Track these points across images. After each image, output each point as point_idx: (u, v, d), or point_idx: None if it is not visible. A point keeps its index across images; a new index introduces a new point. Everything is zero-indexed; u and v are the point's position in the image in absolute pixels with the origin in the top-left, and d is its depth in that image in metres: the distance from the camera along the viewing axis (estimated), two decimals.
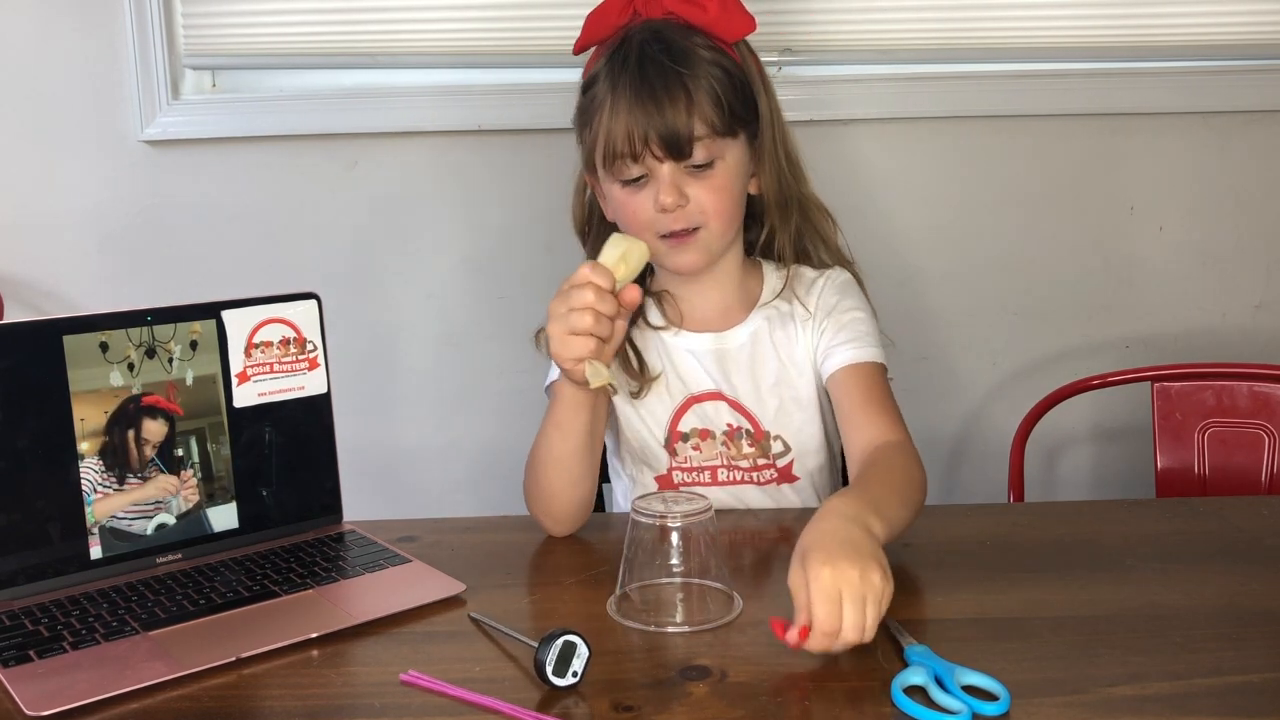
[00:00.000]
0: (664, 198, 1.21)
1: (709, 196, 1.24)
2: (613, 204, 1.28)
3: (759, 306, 1.34)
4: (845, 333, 1.30)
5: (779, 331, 1.33)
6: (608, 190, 1.28)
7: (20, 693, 0.89)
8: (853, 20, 1.81)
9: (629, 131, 1.20)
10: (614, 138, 1.21)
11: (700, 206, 1.24)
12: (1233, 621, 0.98)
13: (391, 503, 1.93)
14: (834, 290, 1.34)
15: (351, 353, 1.86)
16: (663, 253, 1.26)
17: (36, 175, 1.90)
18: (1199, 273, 1.91)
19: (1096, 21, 1.82)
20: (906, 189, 1.88)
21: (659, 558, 1.01)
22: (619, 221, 1.29)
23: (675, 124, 1.20)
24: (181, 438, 1.14)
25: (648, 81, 1.21)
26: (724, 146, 1.24)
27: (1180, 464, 1.64)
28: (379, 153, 1.90)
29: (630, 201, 1.25)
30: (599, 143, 1.24)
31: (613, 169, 1.24)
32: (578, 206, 1.38)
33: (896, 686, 0.86)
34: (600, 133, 1.23)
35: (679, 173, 1.23)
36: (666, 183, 1.22)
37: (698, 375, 1.32)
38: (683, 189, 1.23)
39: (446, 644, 0.97)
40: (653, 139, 1.20)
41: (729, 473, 1.32)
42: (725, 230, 1.28)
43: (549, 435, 1.22)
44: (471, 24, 1.85)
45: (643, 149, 1.21)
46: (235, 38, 1.87)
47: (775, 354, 1.32)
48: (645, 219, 1.24)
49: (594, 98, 1.26)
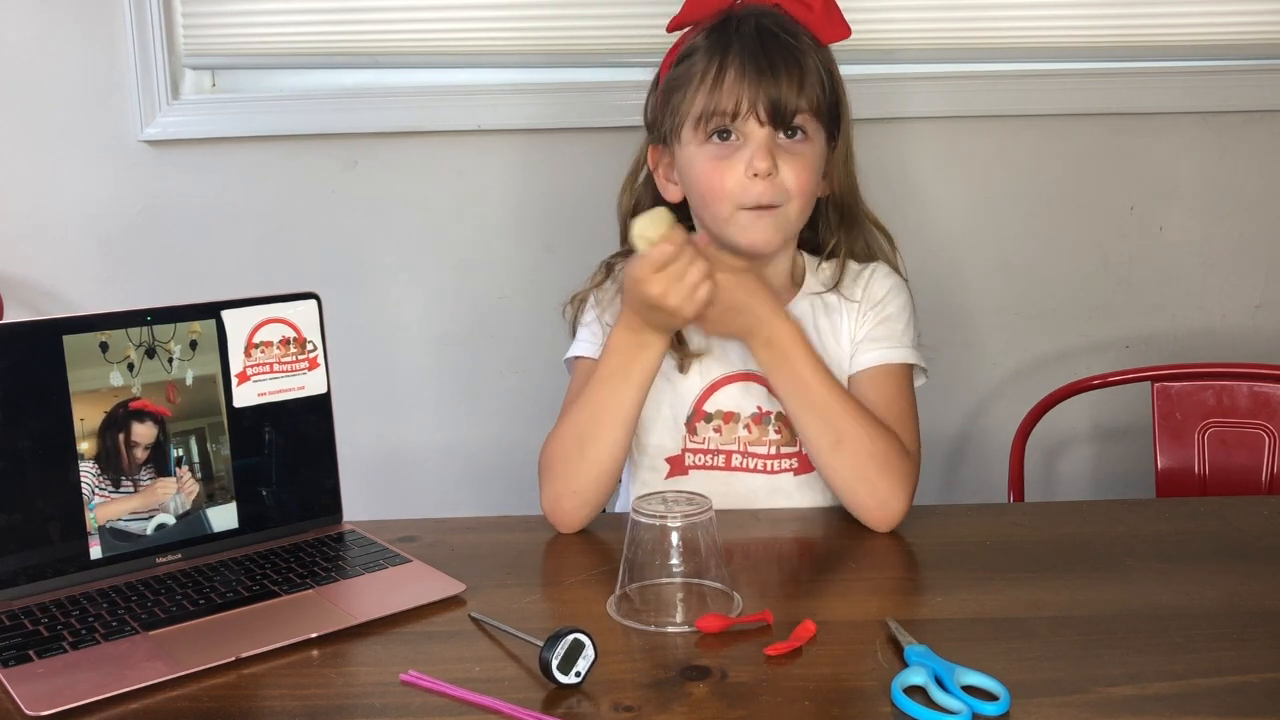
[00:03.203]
0: (759, 161, 1.23)
1: (796, 175, 1.25)
2: (693, 170, 1.28)
3: (805, 293, 1.35)
4: (882, 329, 1.32)
5: (824, 319, 1.34)
6: (690, 157, 1.28)
7: (20, 693, 0.89)
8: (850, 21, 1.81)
9: (737, 93, 1.23)
10: (719, 98, 1.24)
11: (786, 183, 1.25)
12: (1233, 621, 0.98)
13: (391, 503, 1.93)
14: (880, 283, 1.36)
15: (351, 353, 1.86)
16: (739, 226, 1.27)
17: (37, 175, 1.90)
18: (1199, 273, 1.91)
19: (1097, 21, 1.82)
20: (906, 189, 1.88)
21: (659, 558, 1.01)
22: (696, 192, 1.30)
23: (785, 92, 1.23)
24: (181, 438, 1.14)
25: (766, 48, 1.24)
26: (815, 132, 1.28)
27: (1180, 464, 1.64)
28: (379, 153, 1.90)
29: (717, 169, 1.26)
30: (697, 105, 1.25)
31: (706, 129, 1.26)
32: (627, 195, 1.40)
33: (896, 686, 0.86)
34: (699, 95, 1.25)
35: (774, 141, 1.25)
36: (763, 146, 1.23)
37: (734, 354, 1.32)
38: (775, 159, 1.24)
39: (447, 644, 0.97)
40: (761, 101, 1.23)
41: (742, 459, 1.31)
42: (802, 213, 1.29)
43: (609, 387, 1.22)
44: (471, 24, 1.85)
45: (748, 111, 1.23)
46: (235, 38, 1.87)
47: (819, 340, 1.32)
48: (730, 187, 1.25)
49: (692, 65, 1.27)
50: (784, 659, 0.92)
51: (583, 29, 1.83)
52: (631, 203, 1.39)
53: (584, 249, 1.48)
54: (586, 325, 1.36)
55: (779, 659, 0.92)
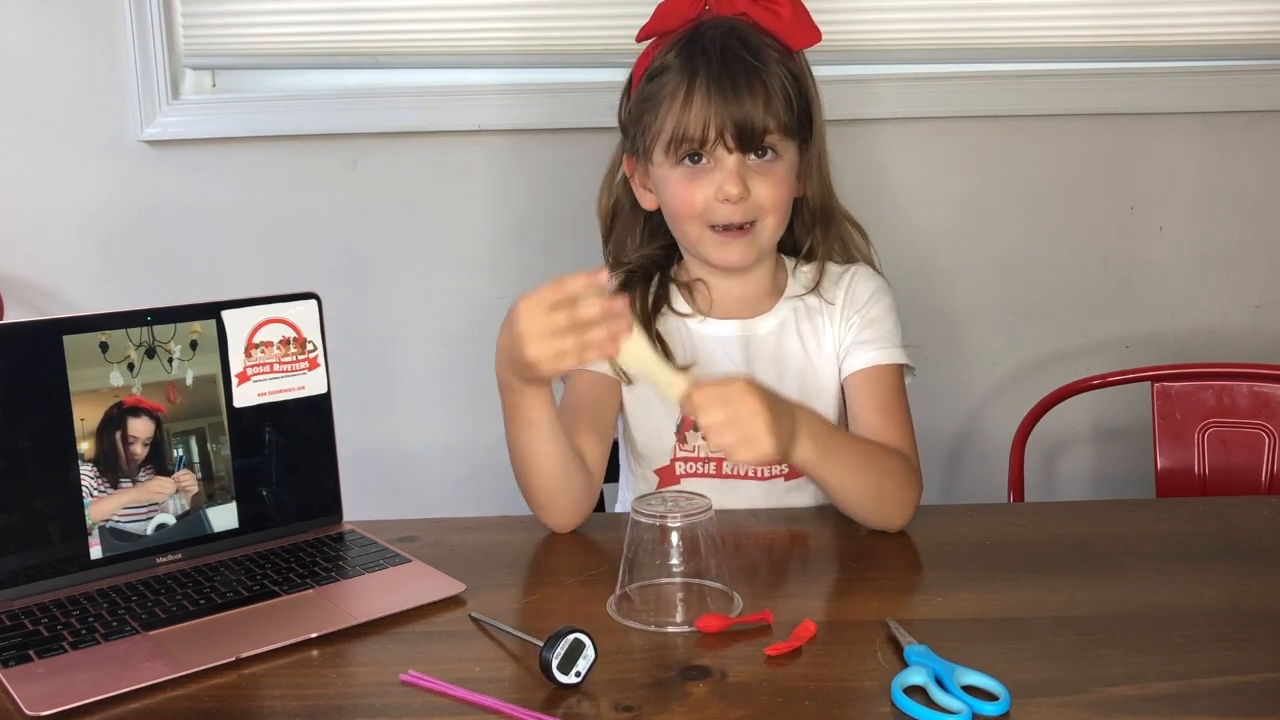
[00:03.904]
0: (729, 188, 1.23)
1: (769, 192, 1.26)
2: (665, 191, 1.29)
3: (787, 297, 1.36)
4: (870, 331, 1.32)
5: (805, 324, 1.34)
6: (663, 177, 1.29)
7: (20, 693, 0.89)
8: (850, 21, 1.81)
9: (704, 118, 1.23)
10: (686, 123, 1.23)
11: (759, 201, 1.26)
12: (1233, 621, 0.98)
13: (391, 503, 1.94)
14: (863, 286, 1.36)
15: (351, 353, 1.86)
16: (710, 246, 1.28)
17: (37, 175, 1.90)
18: (1199, 273, 1.91)
19: (1096, 21, 1.82)
20: (906, 189, 1.88)
21: (659, 558, 1.01)
22: (668, 208, 1.30)
23: (751, 116, 1.23)
24: (181, 438, 1.14)
25: (729, 72, 1.23)
26: (786, 146, 1.27)
27: (1180, 464, 1.64)
28: (379, 153, 1.90)
29: (688, 189, 1.26)
30: (666, 128, 1.25)
31: (677, 154, 1.26)
32: (606, 194, 1.40)
33: (896, 686, 0.86)
34: (669, 118, 1.25)
35: (744, 165, 1.25)
36: (733, 173, 1.24)
37: (721, 363, 1.33)
38: (746, 181, 1.25)
39: (447, 644, 0.97)
40: (728, 127, 1.23)
41: (733, 466, 1.32)
42: (778, 227, 1.30)
43: (516, 428, 1.15)
44: (471, 24, 1.85)
45: (715, 137, 1.23)
46: (235, 38, 1.87)
47: (801, 345, 1.34)
48: (699, 207, 1.26)
49: (663, 84, 1.27)
50: (784, 659, 0.92)
51: (583, 29, 1.83)
52: (610, 201, 1.40)
53: (583, 249, 1.48)
54: None
55: (779, 659, 0.92)
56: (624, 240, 1.40)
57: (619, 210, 1.39)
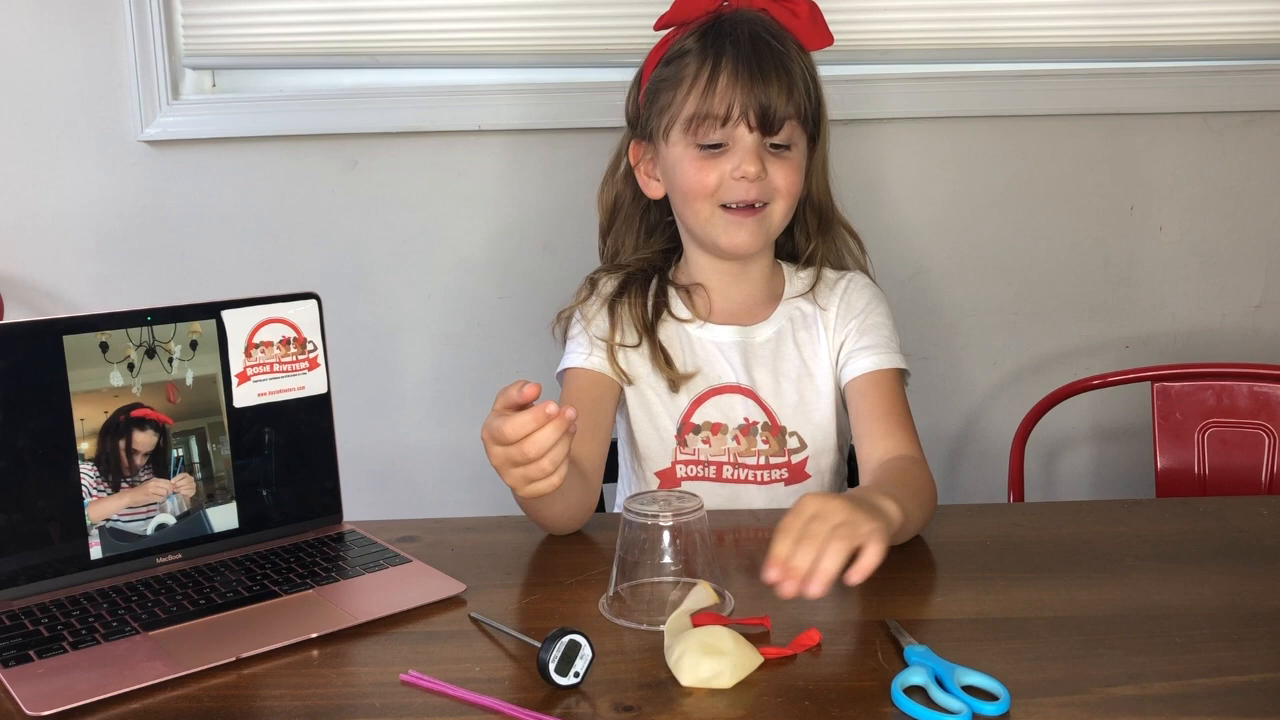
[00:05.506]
0: (748, 165, 1.25)
1: (783, 176, 1.28)
2: (678, 172, 1.30)
3: (785, 302, 1.37)
4: (868, 337, 1.33)
5: (802, 331, 1.36)
6: (677, 157, 1.29)
7: (20, 693, 0.89)
8: (850, 21, 1.81)
9: (729, 98, 1.25)
10: (711, 101, 1.25)
11: (774, 183, 1.28)
12: (1233, 621, 0.98)
13: (391, 503, 1.94)
14: (859, 293, 1.37)
15: (351, 353, 1.86)
16: (720, 226, 1.29)
17: (37, 175, 1.90)
18: (1199, 273, 1.91)
19: (1096, 21, 1.82)
20: (906, 189, 1.88)
21: (651, 557, 1.01)
22: (679, 189, 1.31)
23: (775, 100, 1.25)
24: (181, 438, 1.14)
25: (758, 55, 1.26)
26: (798, 140, 1.30)
27: (1180, 464, 1.64)
28: (379, 153, 1.90)
29: (702, 168, 1.28)
30: (689, 106, 1.27)
31: (697, 133, 1.27)
32: (608, 188, 1.42)
33: (896, 686, 0.86)
34: (691, 96, 1.27)
35: (762, 147, 1.27)
36: (752, 151, 1.26)
37: (720, 367, 1.33)
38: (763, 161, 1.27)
39: (447, 644, 0.97)
40: (752, 107, 1.25)
41: (734, 470, 1.32)
42: (786, 215, 1.32)
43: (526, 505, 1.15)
44: (471, 24, 1.85)
45: (739, 115, 1.25)
46: (235, 38, 1.87)
47: (798, 351, 1.34)
48: (713, 185, 1.28)
49: (685, 65, 1.28)
50: (784, 660, 0.92)
51: (583, 29, 1.83)
52: (612, 196, 1.41)
53: (583, 249, 1.48)
54: (574, 338, 1.37)
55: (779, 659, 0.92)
56: (623, 238, 1.41)
57: (620, 205, 1.40)
